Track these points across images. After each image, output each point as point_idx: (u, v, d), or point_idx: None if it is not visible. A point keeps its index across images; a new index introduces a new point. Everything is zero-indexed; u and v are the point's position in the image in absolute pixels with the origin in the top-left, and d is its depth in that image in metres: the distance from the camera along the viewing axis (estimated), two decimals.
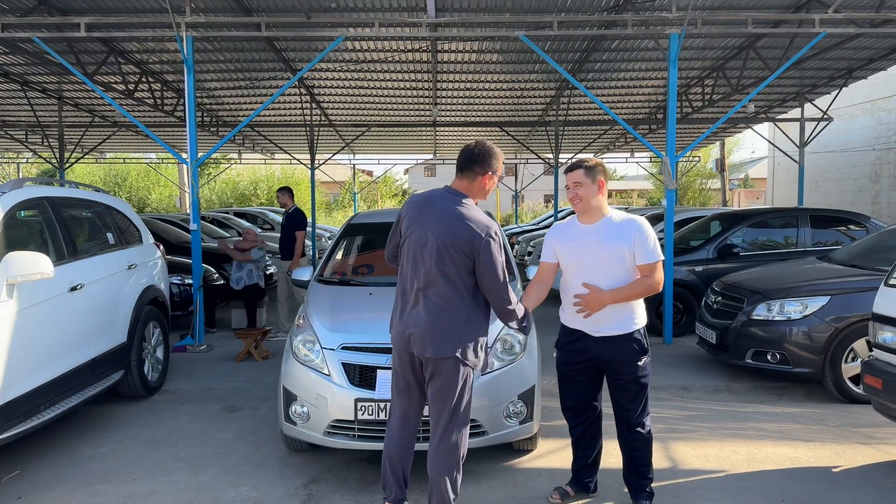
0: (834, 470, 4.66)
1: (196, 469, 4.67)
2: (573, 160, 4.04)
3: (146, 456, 4.93)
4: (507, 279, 3.53)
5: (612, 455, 4.87)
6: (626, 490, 4.09)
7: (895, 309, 4.57)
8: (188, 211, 26.86)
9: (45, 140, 18.74)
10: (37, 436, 5.12)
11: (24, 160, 26.69)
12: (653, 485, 4.05)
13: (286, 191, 9.48)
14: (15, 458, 4.83)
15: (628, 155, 26.06)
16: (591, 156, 4.01)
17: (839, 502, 4.16)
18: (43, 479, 4.52)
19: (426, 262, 3.46)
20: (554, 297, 4.06)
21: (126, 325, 5.91)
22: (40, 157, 20.38)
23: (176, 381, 6.90)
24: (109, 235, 6.09)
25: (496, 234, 3.48)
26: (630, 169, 75.35)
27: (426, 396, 3.62)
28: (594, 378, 4.04)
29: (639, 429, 3.93)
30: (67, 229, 5.34)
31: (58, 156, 17.20)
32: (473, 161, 3.55)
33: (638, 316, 3.88)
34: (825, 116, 16.22)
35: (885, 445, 5.08)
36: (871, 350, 4.91)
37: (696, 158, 28.87)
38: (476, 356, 3.51)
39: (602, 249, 3.79)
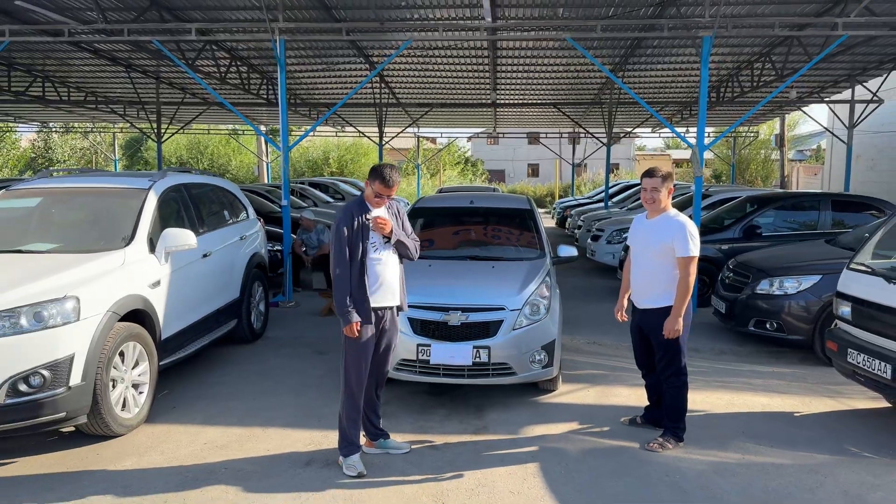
0: (795, 414, 5.83)
1: (298, 393, 6.19)
2: (649, 168, 5.19)
3: (259, 384, 6.48)
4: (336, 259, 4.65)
5: (620, 396, 6.19)
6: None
7: (851, 288, 5.69)
8: (265, 180, 28.60)
9: (139, 114, 20.74)
10: (171, 368, 6.70)
11: (119, 129, 29.02)
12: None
13: None
14: (162, 382, 6.39)
15: (684, 130, 26.66)
16: (659, 167, 5.22)
17: (794, 437, 5.31)
18: (185, 397, 6.11)
19: None
20: (590, 270, 5.33)
21: (239, 284, 7.47)
22: (136, 127, 22.50)
23: (274, 330, 8.48)
24: (226, 212, 7.65)
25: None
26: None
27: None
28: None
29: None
30: (198, 208, 6.90)
31: (156, 129, 19.12)
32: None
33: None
34: (875, 98, 16.69)
35: (847, 399, 6.20)
36: None
37: (753, 134, 29.02)
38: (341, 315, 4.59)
39: (655, 240, 5.02)
